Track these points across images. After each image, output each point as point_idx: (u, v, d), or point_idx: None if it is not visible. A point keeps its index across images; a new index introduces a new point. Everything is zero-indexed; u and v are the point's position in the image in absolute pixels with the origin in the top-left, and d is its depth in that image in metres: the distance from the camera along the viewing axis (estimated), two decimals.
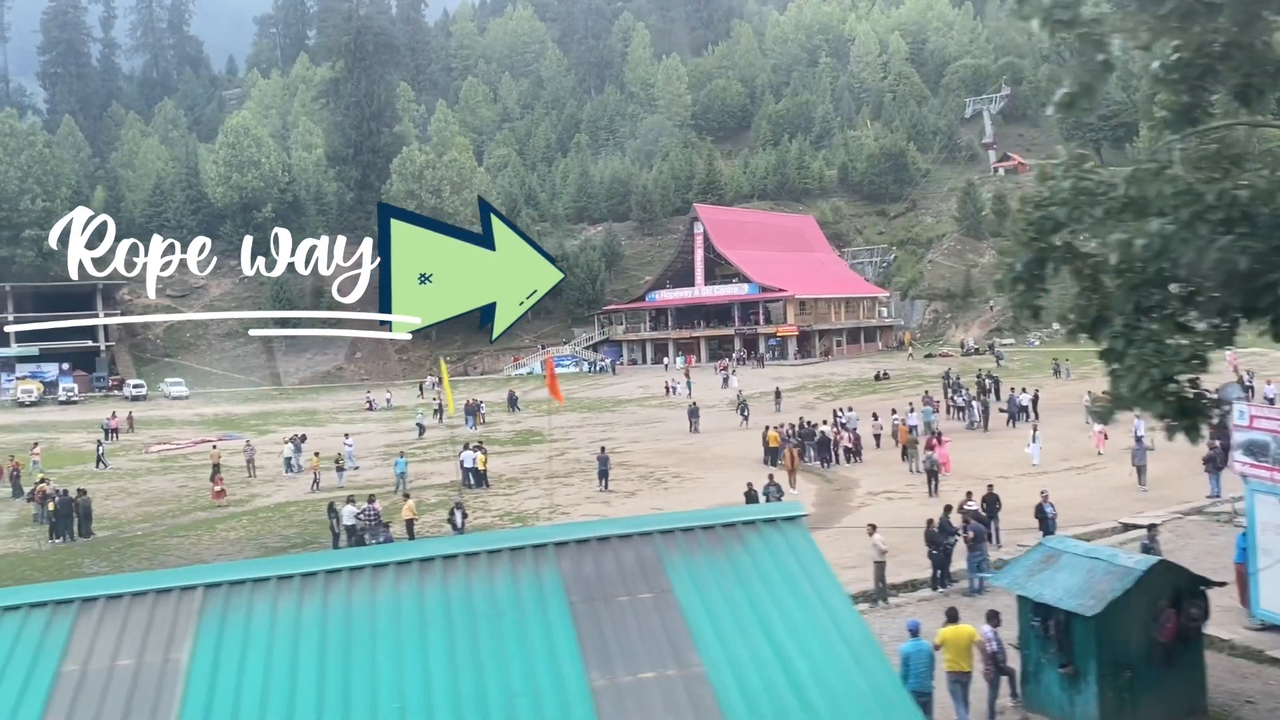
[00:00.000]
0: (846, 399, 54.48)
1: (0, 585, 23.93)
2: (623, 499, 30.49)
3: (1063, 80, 8.88)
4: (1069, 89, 8.86)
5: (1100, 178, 8.77)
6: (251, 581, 7.62)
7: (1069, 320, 9.35)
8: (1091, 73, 8.49)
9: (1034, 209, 9.37)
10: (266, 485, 37.00)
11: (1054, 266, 9.38)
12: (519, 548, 7.99)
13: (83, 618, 7.30)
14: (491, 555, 7.92)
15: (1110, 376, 9.09)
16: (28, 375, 74.36)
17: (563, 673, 6.95)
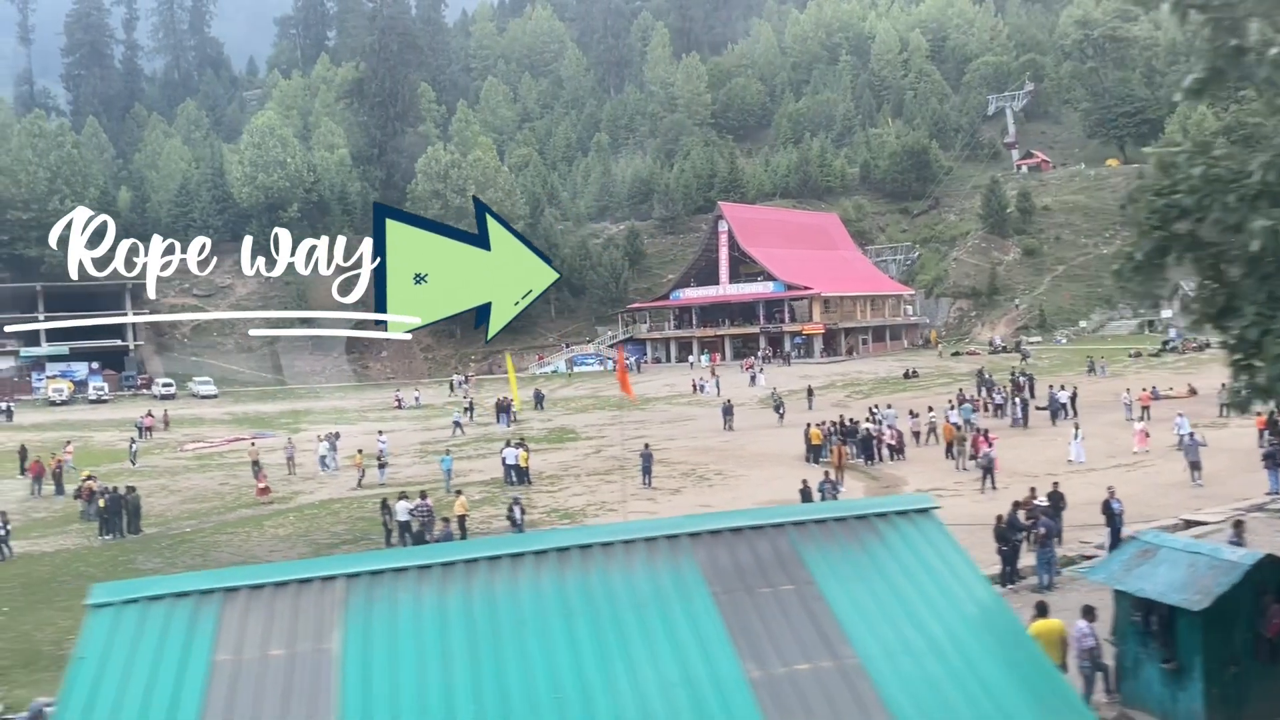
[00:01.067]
0: (878, 397, 54.32)
1: (58, 581, 24.12)
2: (668, 496, 30.44)
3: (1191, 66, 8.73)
4: (1198, 74, 8.72)
5: (1233, 165, 8.63)
6: (392, 571, 7.60)
7: (1192, 310, 9.21)
8: (1223, 57, 8.34)
9: (1157, 197, 9.24)
10: (307, 483, 37.07)
11: (1176, 255, 9.25)
12: (653, 538, 7.96)
13: (227, 608, 7.29)
14: (627, 545, 7.88)
15: (1237, 367, 8.94)
16: (58, 374, 74.85)
17: (717, 664, 6.90)
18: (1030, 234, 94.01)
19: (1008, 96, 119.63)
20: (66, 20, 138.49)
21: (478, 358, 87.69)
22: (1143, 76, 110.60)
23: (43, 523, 32.36)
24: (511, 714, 6.55)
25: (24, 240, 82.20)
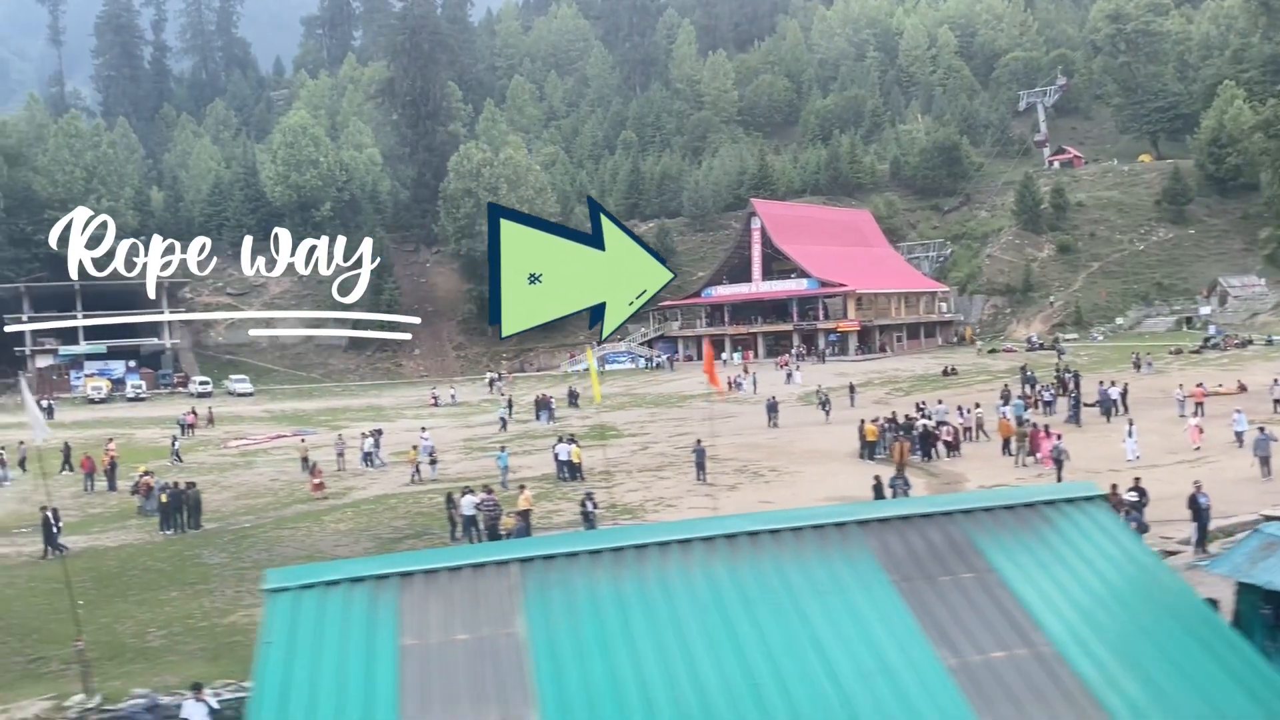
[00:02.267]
0: (918, 394, 54.01)
1: (127, 575, 24.24)
2: (725, 492, 30.30)
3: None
4: None
5: None
6: (564, 556, 7.54)
7: None
8: None
9: None
10: (359, 479, 37.15)
11: None
12: (821, 525, 7.86)
13: (405, 593, 7.24)
14: (796, 532, 7.78)
15: None
16: (96, 373, 75.43)
17: (910, 652, 6.78)
18: (1064, 230, 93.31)
19: (1039, 92, 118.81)
20: (96, 22, 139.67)
21: (509, 355, 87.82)
22: (1176, 71, 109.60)
23: (100, 518, 32.57)
24: (710, 701, 6.46)
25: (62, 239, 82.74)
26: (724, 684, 6.56)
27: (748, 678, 6.61)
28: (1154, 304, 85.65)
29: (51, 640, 19.15)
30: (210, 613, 20.41)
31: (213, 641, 18.50)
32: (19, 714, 14.77)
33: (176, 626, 19.52)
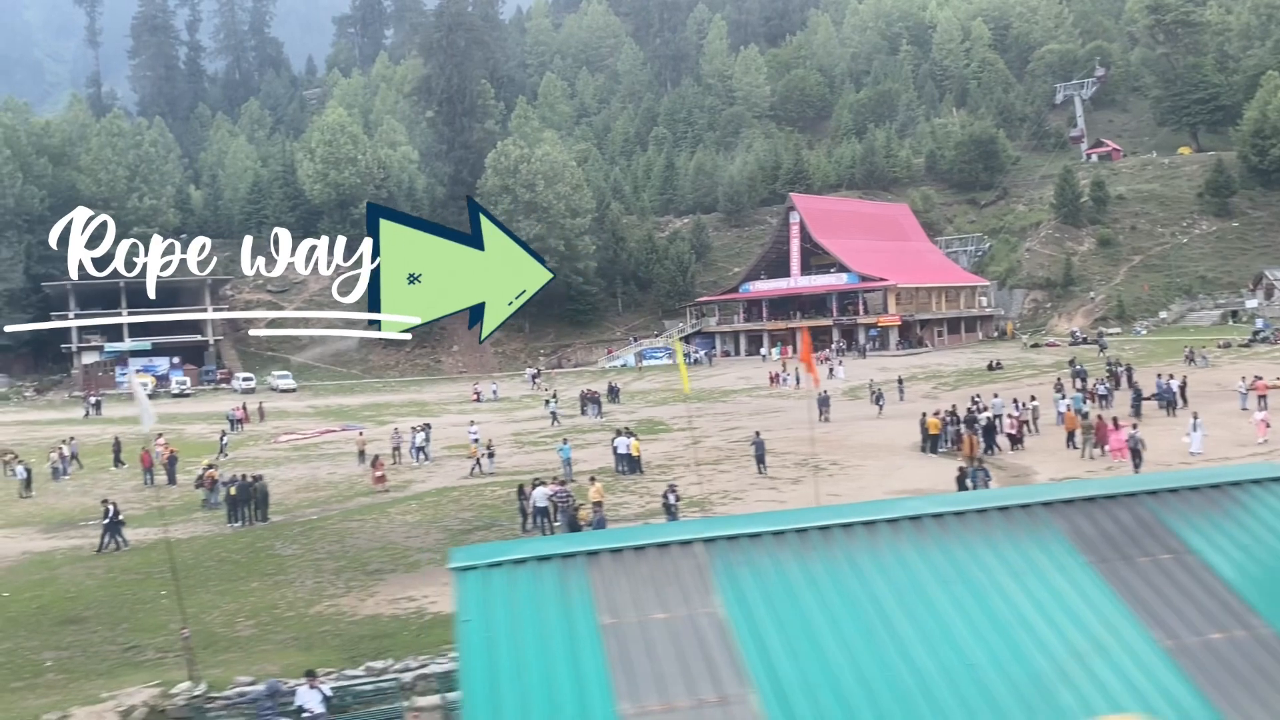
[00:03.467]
0: (966, 388, 53.64)
1: (203, 566, 24.39)
2: (789, 485, 30.15)
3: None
4: None
5: None
6: (747, 536, 7.43)
7: None
8: None
9: None
10: (414, 472, 37.26)
11: None
12: (1006, 507, 7.71)
13: (594, 571, 7.16)
14: (982, 514, 7.64)
15: None
16: (141, 369, 76.10)
17: (1122, 633, 6.63)
18: (1105, 224, 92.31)
19: (1076, 84, 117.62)
20: (133, 23, 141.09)
21: (546, 351, 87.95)
22: (1215, 62, 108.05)
23: (167, 512, 32.77)
24: (927, 683, 6.33)
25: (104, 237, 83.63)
26: (938, 665, 6.43)
27: (961, 658, 6.47)
28: (1198, 298, 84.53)
29: (141, 629, 19.32)
30: (294, 603, 20.49)
31: (303, 631, 18.57)
32: (127, 701, 14.85)
33: (264, 616, 19.61)
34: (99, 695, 15.26)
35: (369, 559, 23.80)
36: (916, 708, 6.15)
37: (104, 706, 14.80)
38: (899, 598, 6.93)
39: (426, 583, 21.40)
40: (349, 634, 18.13)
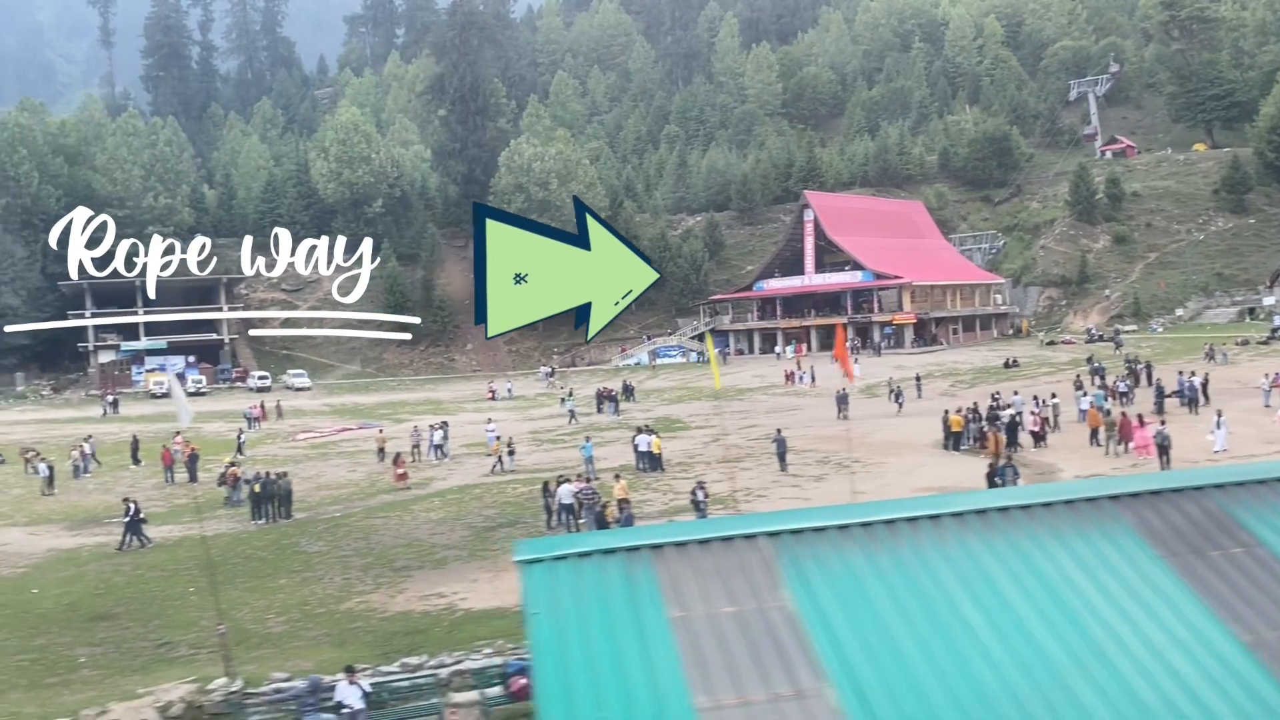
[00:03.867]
0: (983, 386, 53.51)
1: (230, 563, 24.42)
2: (812, 483, 30.08)
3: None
4: None
5: None
6: (811, 530, 7.39)
7: None
8: None
9: None
10: (434, 469, 37.31)
11: None
12: (1072, 500, 7.66)
13: (659, 565, 7.13)
14: (1048, 507, 7.58)
15: None
16: (156, 368, 76.40)
17: (1198, 627, 6.57)
18: (1120, 221, 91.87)
19: (1090, 81, 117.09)
20: (146, 23, 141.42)
21: (560, 350, 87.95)
22: (1231, 58, 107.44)
23: (187, 508, 32.83)
24: (1006, 678, 6.27)
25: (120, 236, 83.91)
26: (1015, 660, 6.37)
27: (1038, 653, 6.41)
28: (1214, 295, 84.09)
29: (173, 625, 19.36)
30: (324, 600, 20.51)
31: (334, 627, 18.58)
32: (164, 696, 14.85)
33: (294, 613, 19.63)
34: (135, 691, 15.29)
35: (396, 556, 23.82)
36: (997, 703, 6.09)
37: (141, 702, 14.81)
38: (969, 591, 6.87)
39: (455, 579, 21.42)
40: (381, 630, 18.14)
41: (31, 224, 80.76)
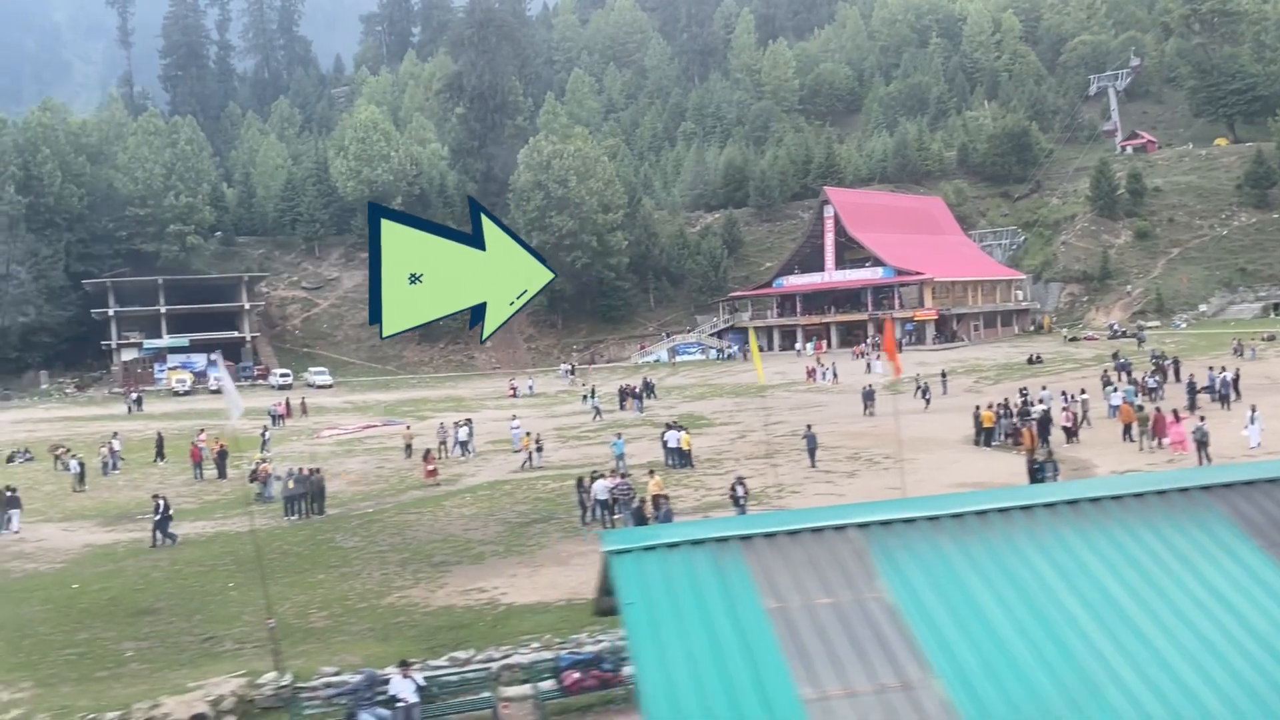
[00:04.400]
0: (1007, 382, 53.28)
1: (267, 559, 24.42)
2: (844, 479, 29.94)
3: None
4: None
5: None
6: (901, 521, 7.31)
7: None
8: None
9: None
10: (462, 466, 37.33)
11: None
12: (1165, 490, 7.55)
13: (749, 556, 7.06)
14: (1140, 498, 7.48)
15: None
16: (178, 365, 76.76)
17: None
18: (1142, 216, 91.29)
19: (1110, 76, 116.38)
20: (164, 22, 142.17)
21: (579, 347, 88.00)
22: (1252, 51, 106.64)
23: (218, 505, 33.05)
24: (1116, 672, 6.17)
25: (141, 235, 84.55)
26: (1120, 651, 6.28)
27: (1144, 645, 6.32)
28: (1238, 290, 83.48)
29: (216, 620, 19.39)
30: (365, 594, 20.51)
31: (377, 622, 18.58)
32: (215, 690, 14.89)
33: (336, 607, 19.63)
34: (185, 685, 15.30)
35: (432, 551, 23.82)
36: (1105, 693, 6.00)
37: (192, 696, 14.84)
38: (1067, 582, 6.79)
39: (493, 574, 21.40)
40: (424, 625, 18.12)
41: (54, 223, 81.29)
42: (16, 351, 76.39)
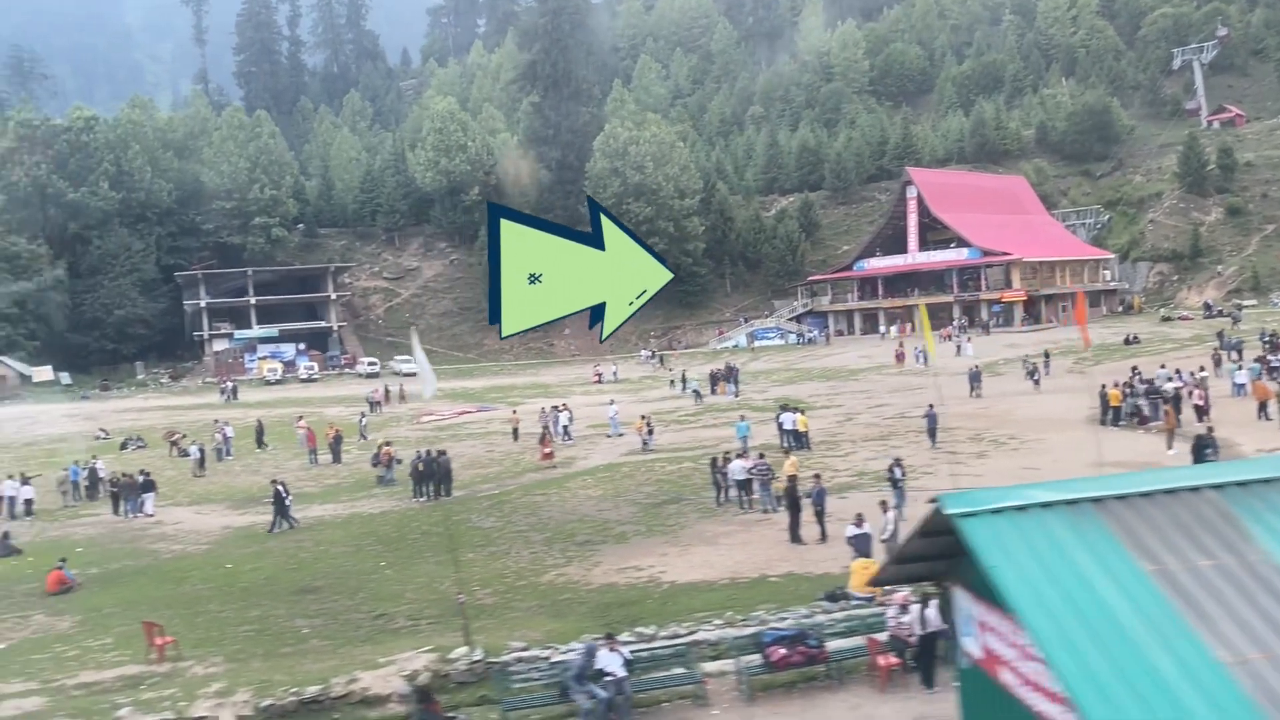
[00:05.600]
0: (1108, 363, 52.06)
1: (408, 539, 24.74)
2: (975, 459, 29.38)
3: None
4: None
5: None
6: (1259, 483, 7.02)
7: None
8: None
9: None
10: (571, 449, 37.45)
11: None
12: None
13: (1107, 518, 6.82)
14: None
15: None
16: (268, 355, 78.25)
17: None
18: (1233, 192, 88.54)
19: (1195, 49, 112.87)
20: (237, 20, 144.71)
21: (656, 333, 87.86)
22: None
23: (341, 488, 33.53)
24: None
25: (228, 228, 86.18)
26: None
27: None
28: None
29: (380, 598, 19.61)
30: (520, 573, 20.62)
31: (544, 599, 18.65)
32: (408, 666, 15.00)
33: (497, 585, 19.74)
34: (375, 660, 15.44)
35: (572, 531, 23.87)
36: None
37: (386, 671, 14.97)
38: None
39: (642, 554, 21.36)
40: (593, 602, 18.13)
41: (145, 218, 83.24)
42: (113, 344, 78.46)
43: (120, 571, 23.78)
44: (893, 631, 13.55)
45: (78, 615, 20.02)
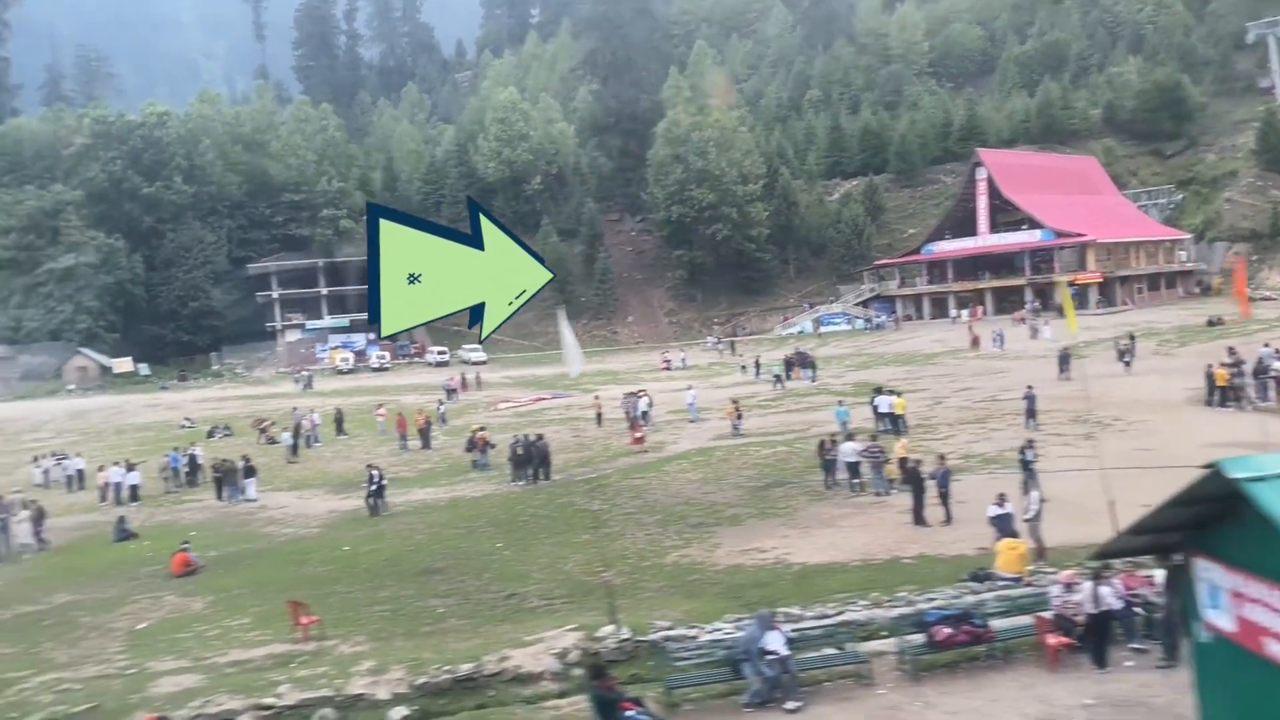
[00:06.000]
0: (1193, 344, 50.97)
1: (519, 521, 24.88)
2: (1083, 441, 28.72)
3: None
4: None
5: None
6: None
7: None
8: None
9: None
10: (657, 435, 37.40)
11: None
12: None
13: None
14: None
15: None
16: (339, 345, 79.35)
17: None
18: None
19: (1269, 22, 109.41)
20: (296, 14, 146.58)
21: (720, 320, 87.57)
22: None
23: (436, 473, 33.89)
24: None
25: (296, 220, 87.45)
26: None
27: None
28: None
29: (507, 578, 19.72)
30: (642, 554, 20.62)
31: (673, 580, 18.64)
32: (556, 644, 15.07)
33: (621, 566, 19.71)
34: (521, 639, 15.52)
35: (682, 513, 23.84)
36: None
37: (535, 649, 15.05)
38: None
39: (761, 535, 21.26)
40: (724, 582, 18.08)
41: (217, 210, 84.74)
42: (188, 335, 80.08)
43: (240, 554, 24.22)
44: (1058, 610, 13.31)
45: (208, 596, 20.41)
